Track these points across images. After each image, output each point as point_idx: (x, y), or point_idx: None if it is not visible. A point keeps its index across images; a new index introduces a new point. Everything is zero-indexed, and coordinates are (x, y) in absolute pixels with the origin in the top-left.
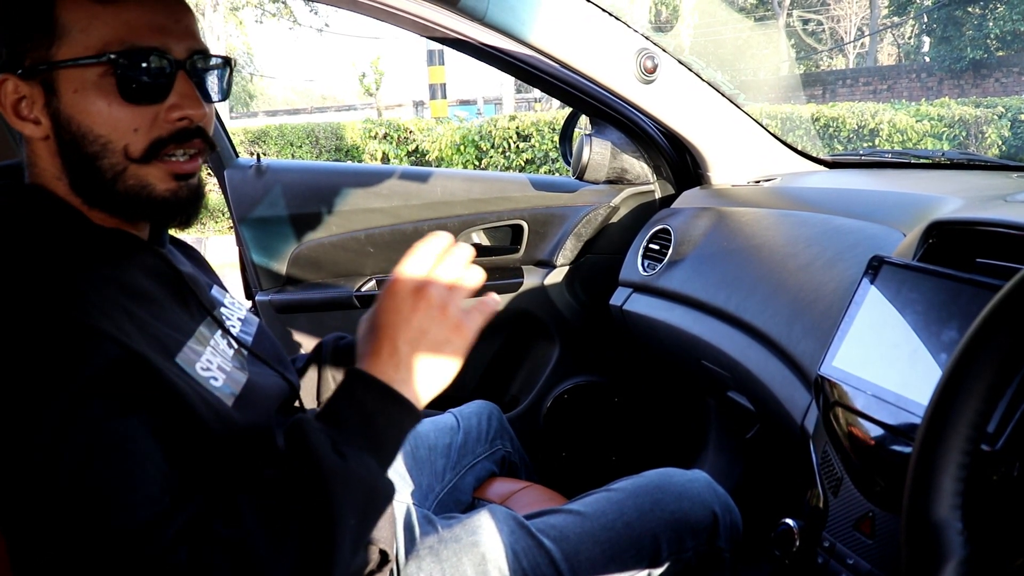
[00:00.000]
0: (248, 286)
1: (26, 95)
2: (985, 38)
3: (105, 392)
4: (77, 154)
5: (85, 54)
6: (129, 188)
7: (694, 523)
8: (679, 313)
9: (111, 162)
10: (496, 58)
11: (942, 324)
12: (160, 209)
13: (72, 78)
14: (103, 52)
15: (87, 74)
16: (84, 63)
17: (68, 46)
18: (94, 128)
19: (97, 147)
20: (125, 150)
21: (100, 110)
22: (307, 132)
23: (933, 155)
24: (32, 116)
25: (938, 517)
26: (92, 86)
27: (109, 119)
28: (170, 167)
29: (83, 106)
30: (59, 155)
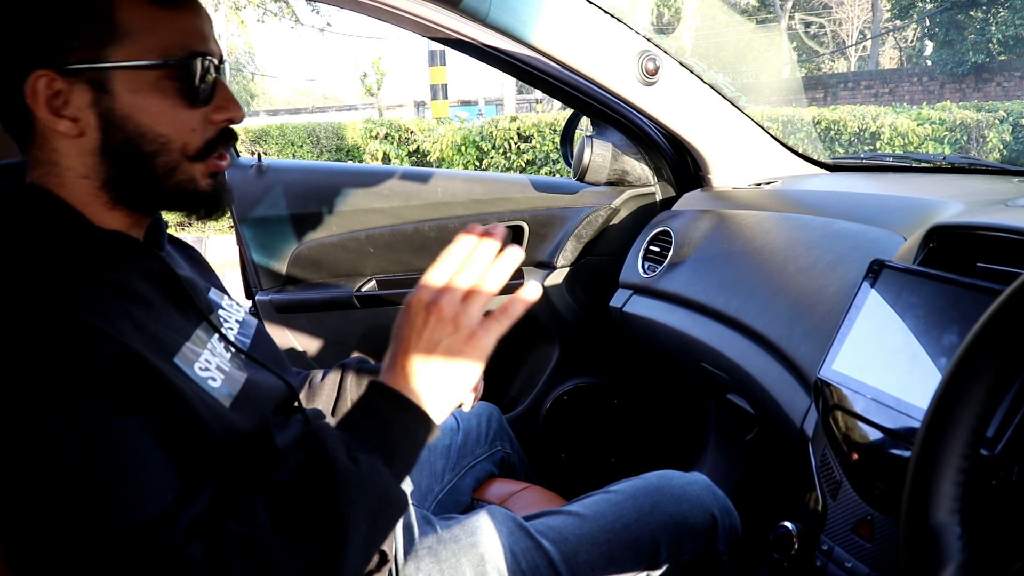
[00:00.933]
0: (248, 285)
1: (63, 91)
2: (987, 42)
3: (105, 391)
4: (131, 152)
5: (148, 57)
6: (178, 183)
7: (693, 525)
8: (679, 315)
9: (166, 160)
10: (497, 59)
11: (942, 328)
12: (201, 202)
13: (130, 79)
14: (166, 56)
15: (146, 76)
16: (152, 66)
17: (127, 48)
18: (155, 128)
19: (156, 146)
20: (184, 148)
21: (163, 111)
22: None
23: (934, 159)
24: (69, 113)
25: (937, 521)
26: (151, 88)
27: (173, 120)
28: (210, 166)
29: (143, 106)
30: (99, 153)
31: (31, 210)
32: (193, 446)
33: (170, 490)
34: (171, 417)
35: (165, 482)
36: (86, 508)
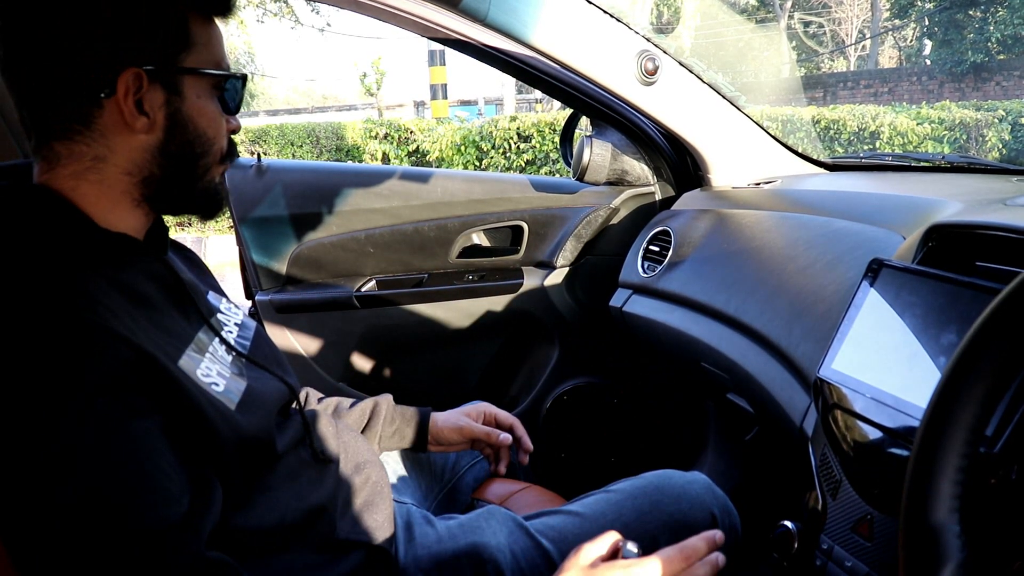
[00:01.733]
0: (248, 286)
1: (144, 89)
2: (986, 42)
3: (118, 393)
4: (185, 152)
5: (209, 67)
6: (206, 184)
7: (692, 525)
8: (679, 315)
9: (206, 161)
10: (497, 59)
11: (941, 327)
12: (218, 203)
13: (196, 84)
14: (220, 67)
15: (204, 83)
16: (214, 74)
17: (196, 56)
18: (207, 131)
19: (204, 147)
20: (219, 152)
21: (214, 115)
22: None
23: (933, 158)
24: (147, 110)
25: (936, 520)
26: (208, 94)
27: (218, 124)
28: (223, 168)
29: (203, 110)
30: (157, 151)
31: (37, 210)
32: (203, 449)
33: (185, 493)
34: (183, 420)
35: (180, 486)
36: (102, 510)
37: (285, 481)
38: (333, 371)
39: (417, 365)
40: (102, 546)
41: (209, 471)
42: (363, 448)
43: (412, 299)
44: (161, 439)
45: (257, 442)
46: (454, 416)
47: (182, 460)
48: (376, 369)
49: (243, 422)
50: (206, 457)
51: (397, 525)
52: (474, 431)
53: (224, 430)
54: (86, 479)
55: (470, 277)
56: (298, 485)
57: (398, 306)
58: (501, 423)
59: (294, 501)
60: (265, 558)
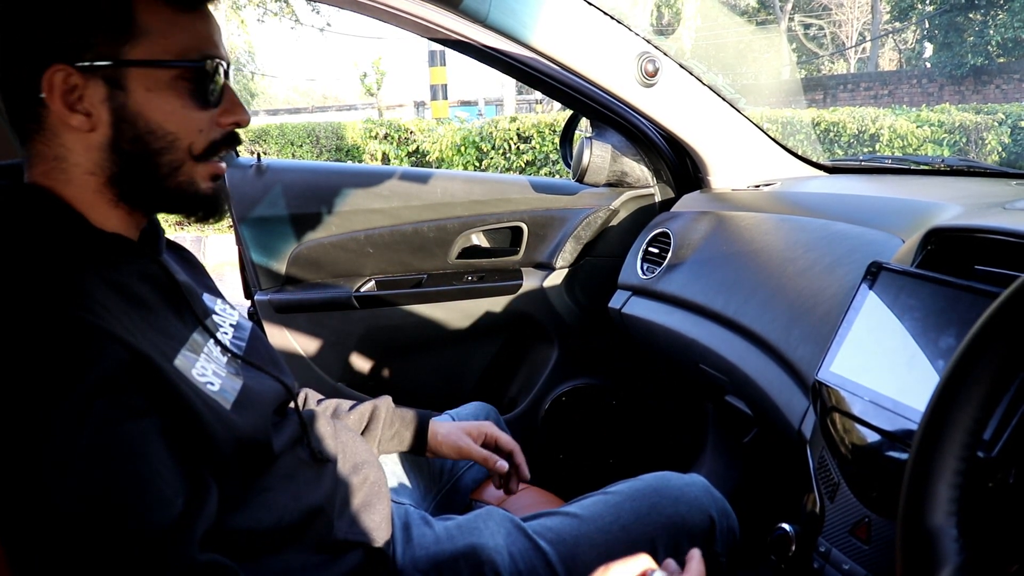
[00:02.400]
0: (247, 285)
1: (79, 86)
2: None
3: (114, 393)
4: (140, 149)
5: (165, 57)
6: (179, 184)
7: (691, 527)
8: (678, 317)
9: (172, 158)
10: (497, 60)
11: (940, 331)
12: (200, 204)
13: (145, 77)
14: (183, 57)
15: (161, 75)
16: (168, 65)
17: (145, 47)
18: (165, 125)
19: (164, 143)
20: (189, 148)
21: (174, 110)
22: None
23: (933, 161)
24: (83, 108)
25: (934, 524)
26: (166, 87)
27: (182, 119)
28: (211, 168)
29: (156, 104)
30: (108, 149)
31: (31, 209)
32: (199, 450)
33: (180, 495)
34: (178, 420)
35: (175, 487)
36: (98, 513)
37: (282, 481)
38: (332, 371)
39: (416, 366)
40: (96, 547)
41: (205, 471)
42: (361, 448)
43: (411, 300)
44: (157, 440)
45: (253, 442)
46: (455, 433)
47: (178, 461)
48: (375, 369)
49: (239, 422)
50: (202, 457)
51: (395, 526)
52: (472, 454)
53: (219, 430)
54: (82, 480)
55: (469, 278)
56: (295, 485)
57: (397, 307)
58: (501, 447)
59: (291, 501)
60: (263, 558)
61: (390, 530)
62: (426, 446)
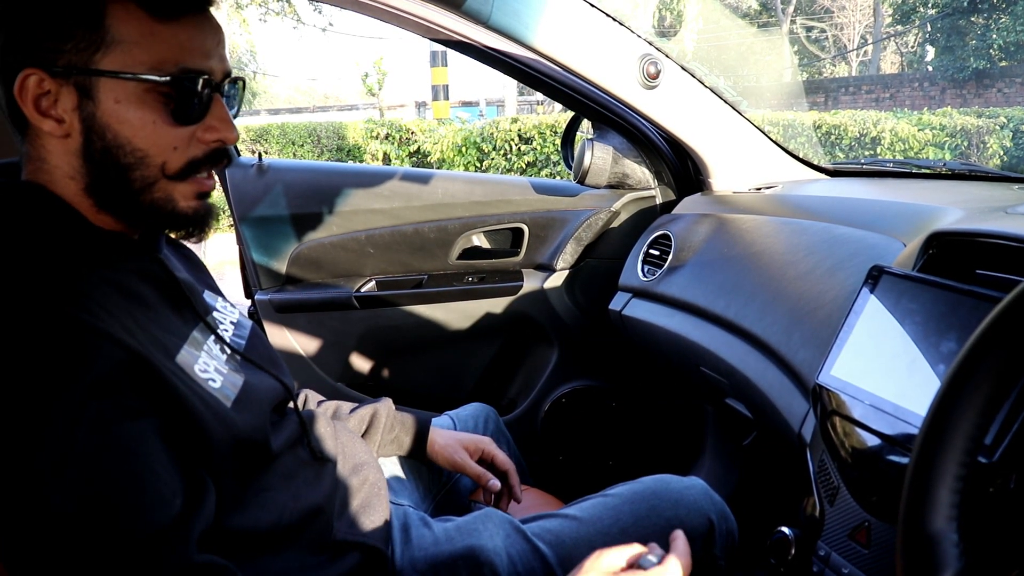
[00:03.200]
0: (248, 285)
1: (52, 91)
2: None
3: (110, 394)
4: (108, 162)
5: (137, 69)
6: (155, 201)
7: (690, 530)
8: (678, 319)
9: (144, 175)
10: (499, 61)
11: (941, 335)
12: (179, 223)
13: (115, 88)
14: (157, 70)
15: (132, 87)
16: (136, 78)
17: (117, 57)
18: (133, 140)
19: (133, 159)
20: (163, 166)
21: (144, 124)
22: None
23: (934, 165)
24: (55, 113)
25: (934, 528)
26: (137, 100)
27: (153, 135)
28: (195, 186)
29: (123, 117)
30: (82, 157)
31: (29, 207)
32: (197, 449)
33: (177, 495)
34: (176, 420)
35: (172, 487)
36: (94, 514)
37: (282, 481)
38: (332, 371)
39: (416, 366)
40: (93, 548)
41: (203, 471)
42: (361, 449)
43: (412, 300)
44: (154, 440)
45: (251, 441)
46: (452, 446)
47: (176, 461)
48: (375, 370)
49: (239, 420)
50: (200, 457)
51: (394, 527)
52: (466, 470)
53: (218, 429)
54: (78, 481)
55: (470, 279)
56: (295, 485)
57: (397, 307)
58: (497, 466)
59: (291, 501)
60: (261, 558)
61: (389, 531)
62: (424, 452)
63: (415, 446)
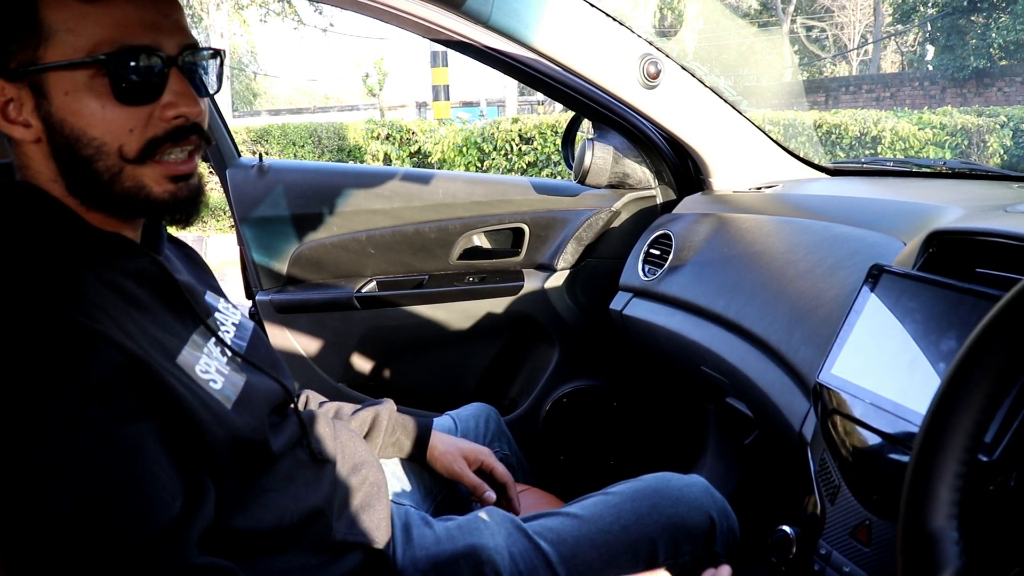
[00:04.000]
0: (249, 285)
1: (13, 97)
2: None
3: (108, 397)
4: (72, 157)
5: (75, 56)
6: (126, 190)
7: (691, 528)
8: (679, 318)
9: (106, 164)
10: (499, 61)
11: (941, 333)
12: (159, 210)
13: (62, 80)
14: (93, 53)
15: (78, 76)
16: (74, 65)
17: (56, 48)
18: (88, 130)
19: (92, 150)
20: (120, 151)
21: (93, 112)
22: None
23: (935, 164)
24: (21, 119)
25: (934, 526)
26: (84, 88)
27: (103, 121)
28: (166, 168)
29: (75, 108)
30: (53, 158)
31: (25, 207)
32: (196, 451)
33: (177, 497)
34: (175, 422)
35: (172, 489)
36: (94, 517)
37: (282, 482)
38: (333, 372)
39: (417, 366)
40: (92, 551)
41: (202, 473)
42: (361, 449)
43: (412, 300)
44: (154, 443)
45: (250, 442)
46: (451, 454)
47: (175, 463)
48: (376, 370)
49: (239, 422)
50: (199, 459)
51: (395, 526)
52: (463, 479)
53: (218, 431)
54: (77, 484)
55: (470, 279)
56: (295, 486)
57: (398, 307)
58: (496, 478)
59: (291, 503)
60: (263, 559)
61: (390, 531)
62: (424, 455)
63: (415, 450)
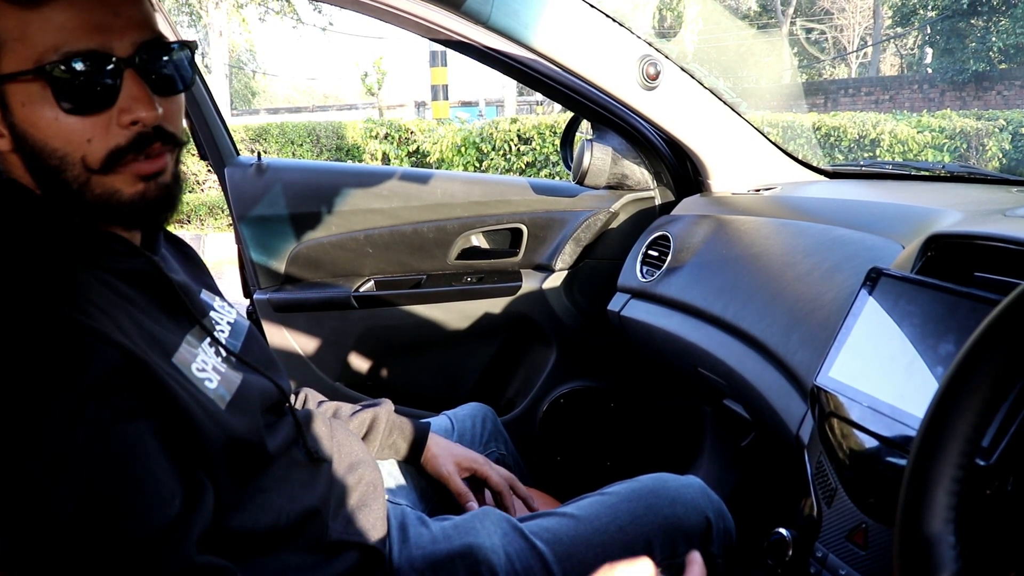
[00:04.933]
0: (246, 284)
1: None
2: (988, 51)
3: (106, 396)
4: (40, 167)
5: (24, 66)
6: (97, 197)
7: (687, 528)
8: (677, 320)
9: (73, 174)
10: (499, 61)
11: (939, 337)
12: (131, 212)
13: (19, 92)
14: (40, 62)
15: (31, 87)
16: (23, 75)
17: (8, 57)
18: (48, 142)
19: (55, 160)
20: (83, 161)
21: (49, 123)
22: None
23: (934, 167)
24: None
25: (931, 530)
26: (38, 98)
27: (60, 132)
28: (134, 169)
29: (33, 120)
30: (27, 167)
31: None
32: (193, 451)
33: (176, 496)
34: (172, 422)
35: (171, 489)
36: (93, 516)
37: (278, 482)
38: (330, 371)
39: (415, 366)
40: (92, 550)
41: (200, 473)
42: (357, 448)
43: (410, 300)
44: (152, 442)
45: (245, 442)
46: (443, 457)
47: (174, 462)
48: (373, 369)
49: (233, 422)
50: (196, 458)
51: (391, 526)
52: (449, 486)
53: (213, 430)
54: (76, 484)
55: (468, 279)
56: (291, 486)
57: (396, 307)
58: (491, 487)
59: (288, 503)
60: (259, 559)
61: (386, 530)
62: (419, 459)
63: (411, 454)
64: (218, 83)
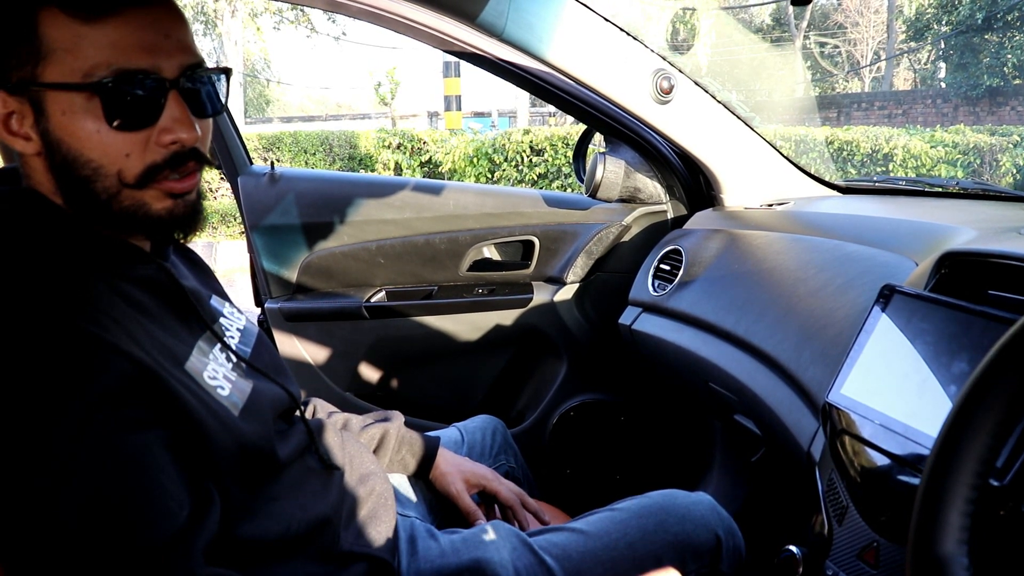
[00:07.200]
0: (258, 293)
1: (15, 110)
2: (1002, 66)
3: (116, 407)
4: (70, 175)
5: (71, 77)
6: (125, 209)
7: (697, 545)
8: (688, 335)
9: (104, 186)
10: (512, 73)
11: (952, 356)
12: (157, 227)
13: (60, 100)
14: (90, 75)
15: (75, 97)
16: (70, 87)
17: (55, 67)
18: (84, 152)
19: (89, 171)
20: (119, 175)
21: (89, 134)
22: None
23: (947, 184)
24: (23, 132)
25: (944, 551)
26: (80, 110)
27: (100, 144)
28: (165, 187)
29: (72, 129)
30: (52, 172)
31: (32, 215)
32: (203, 460)
33: (184, 507)
34: (183, 431)
35: (179, 499)
36: (99, 527)
37: (290, 491)
38: (340, 381)
39: (425, 377)
40: (97, 561)
41: (209, 483)
42: (368, 460)
43: (421, 311)
44: (161, 453)
45: (257, 449)
46: (452, 474)
47: (182, 473)
48: (384, 380)
49: (245, 429)
50: (206, 467)
51: (400, 538)
52: (457, 502)
53: (225, 438)
54: (83, 494)
55: (480, 291)
56: (303, 495)
57: (407, 317)
58: (501, 502)
59: (299, 511)
60: (270, 568)
61: (395, 542)
62: (428, 474)
63: (420, 469)
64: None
